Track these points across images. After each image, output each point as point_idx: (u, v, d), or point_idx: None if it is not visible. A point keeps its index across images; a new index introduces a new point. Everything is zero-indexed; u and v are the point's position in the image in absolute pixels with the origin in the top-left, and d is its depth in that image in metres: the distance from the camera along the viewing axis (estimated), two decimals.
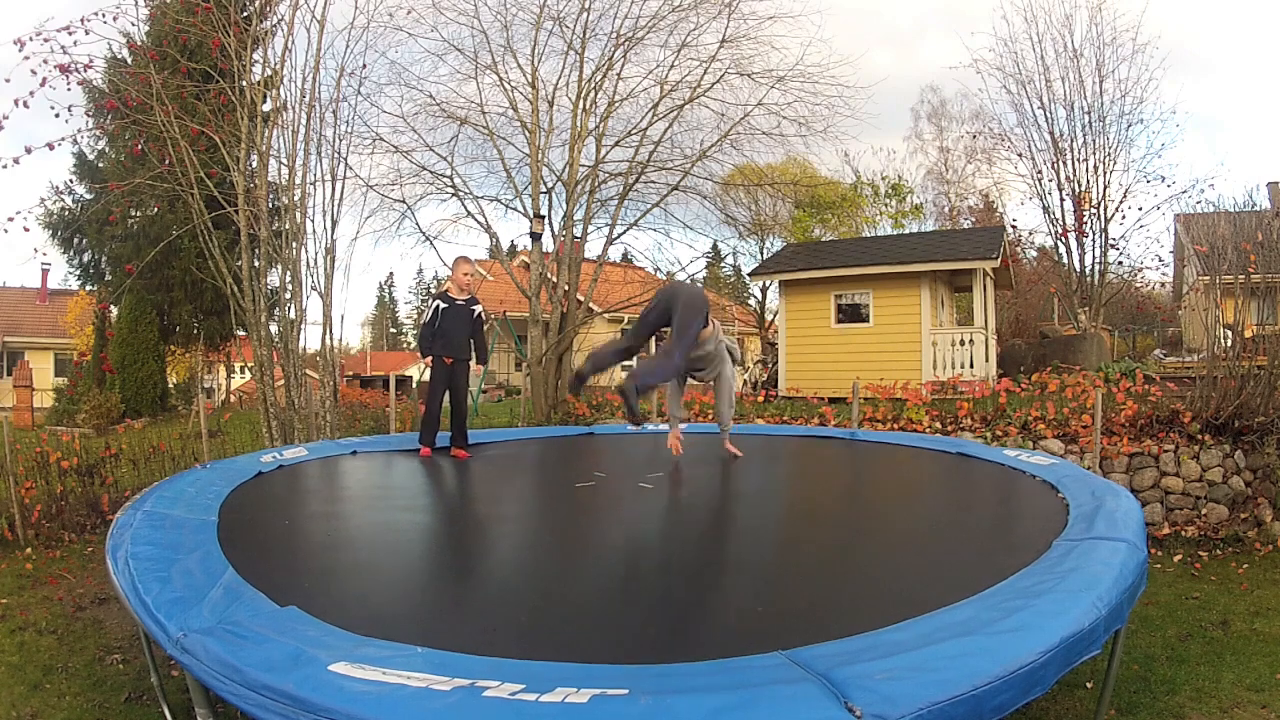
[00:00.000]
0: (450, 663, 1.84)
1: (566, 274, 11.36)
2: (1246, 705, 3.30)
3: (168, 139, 7.63)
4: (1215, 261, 8.13)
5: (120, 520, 3.09)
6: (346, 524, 3.79)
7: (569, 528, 3.87)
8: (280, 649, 1.89)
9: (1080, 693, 3.35)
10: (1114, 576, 2.32)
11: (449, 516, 4.24)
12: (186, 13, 7.99)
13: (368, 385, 18.42)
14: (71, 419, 15.39)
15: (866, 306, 13.08)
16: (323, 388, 8.47)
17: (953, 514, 3.94)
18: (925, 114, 26.30)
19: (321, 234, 8.23)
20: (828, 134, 11.92)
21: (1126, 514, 2.99)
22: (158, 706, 2.97)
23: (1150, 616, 4.46)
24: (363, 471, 5.17)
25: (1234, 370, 6.90)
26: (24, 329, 26.46)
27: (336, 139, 8.48)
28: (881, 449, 5.55)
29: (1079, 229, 16.77)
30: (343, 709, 1.60)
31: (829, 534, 3.65)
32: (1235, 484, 6.56)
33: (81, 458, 7.06)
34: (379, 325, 64.27)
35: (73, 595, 4.95)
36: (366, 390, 16.32)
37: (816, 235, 21.30)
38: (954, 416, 7.77)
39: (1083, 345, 13.87)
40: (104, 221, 14.57)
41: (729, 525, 3.92)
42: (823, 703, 1.55)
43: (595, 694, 1.60)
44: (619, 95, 11.55)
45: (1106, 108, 16.55)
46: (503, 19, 11.10)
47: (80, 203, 16.86)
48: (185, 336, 17.71)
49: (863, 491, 4.78)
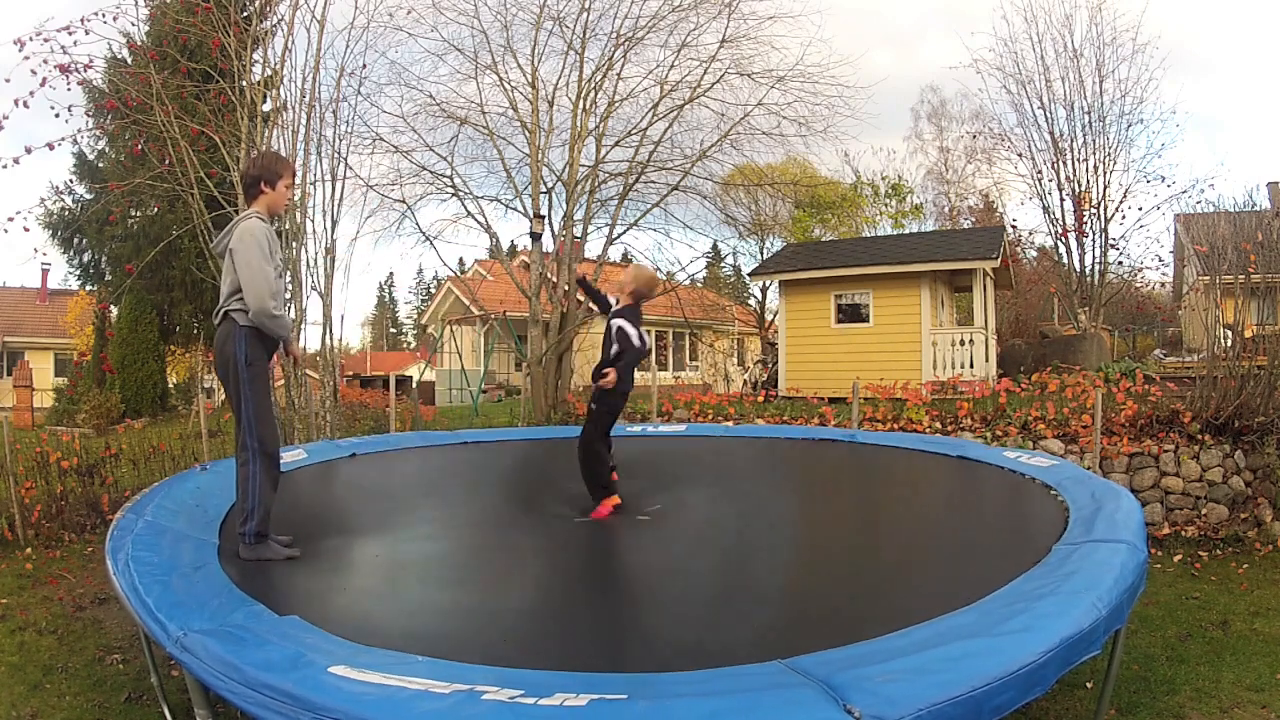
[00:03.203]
0: (449, 670, 1.85)
1: (566, 274, 11.36)
2: (1246, 705, 3.30)
3: (168, 139, 7.62)
4: (1215, 261, 8.13)
5: (120, 523, 3.09)
6: (346, 535, 3.76)
7: (569, 537, 3.85)
8: (280, 650, 1.89)
9: (1080, 693, 3.35)
10: (1114, 577, 2.32)
11: (447, 525, 4.18)
12: (186, 13, 7.98)
13: (368, 385, 18.41)
14: (71, 419, 15.39)
15: (866, 306, 13.08)
16: (323, 388, 8.47)
17: (952, 520, 3.94)
18: (925, 114, 26.39)
19: (321, 234, 8.24)
20: (828, 134, 11.95)
21: (1126, 515, 2.99)
22: (158, 706, 2.97)
23: (1150, 616, 4.46)
24: (362, 477, 5.14)
25: (1234, 370, 6.90)
26: (24, 329, 26.46)
27: (336, 139, 8.50)
28: (882, 453, 5.51)
29: (1079, 229, 16.76)
30: (342, 708, 1.60)
31: (829, 542, 3.65)
32: (1235, 484, 6.56)
33: (81, 458, 7.06)
34: (379, 325, 64.30)
35: (73, 595, 4.95)
36: (366, 390, 16.30)
37: (816, 235, 21.32)
38: (954, 416, 7.76)
39: (1083, 345, 13.87)
40: (104, 221, 14.56)
41: (728, 534, 3.88)
42: (821, 705, 1.55)
43: (594, 698, 1.60)
44: (619, 95, 11.56)
45: (1106, 108, 16.56)
46: (503, 19, 11.11)
47: (80, 203, 16.85)
48: (185, 336, 17.72)
49: (862, 499, 4.75)
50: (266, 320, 3.18)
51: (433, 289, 45.46)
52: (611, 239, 11.98)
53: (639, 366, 4.38)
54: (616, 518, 4.09)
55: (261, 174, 3.35)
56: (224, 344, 3.24)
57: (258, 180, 3.34)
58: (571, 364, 11.94)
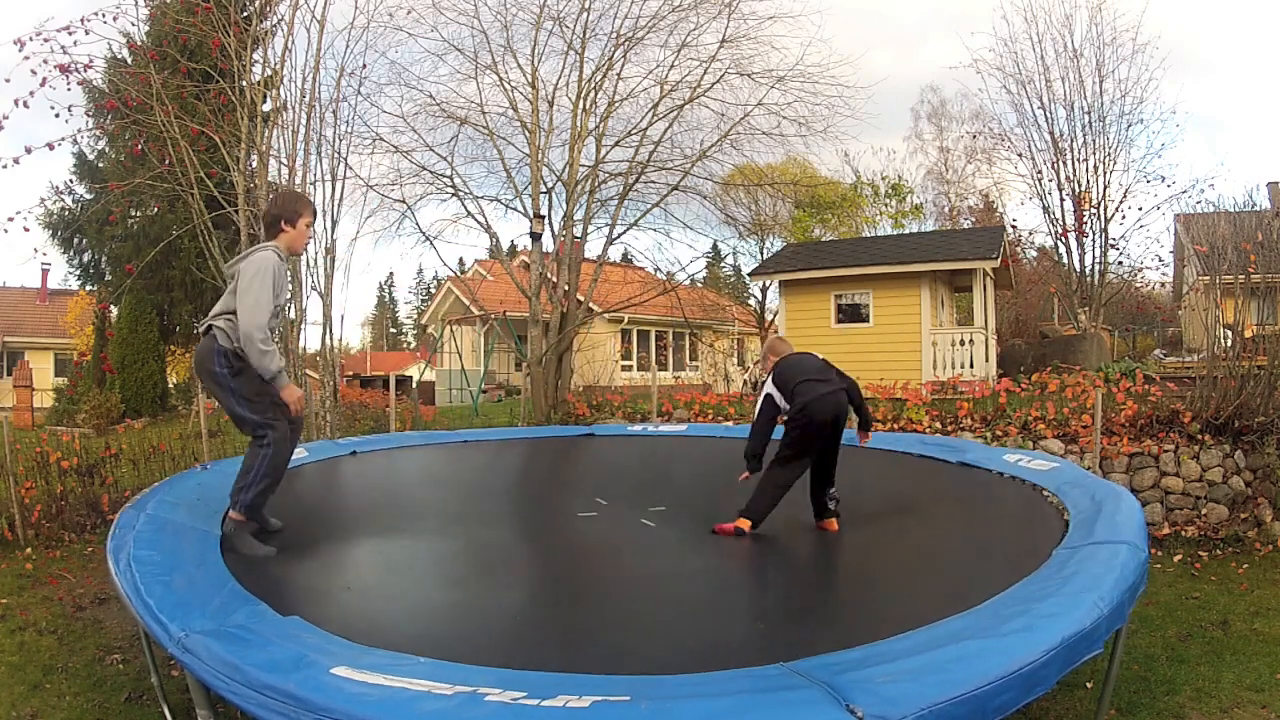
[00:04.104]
0: (452, 671, 1.85)
1: (566, 274, 11.36)
2: (1246, 705, 3.30)
3: (168, 139, 7.62)
4: (1215, 261, 8.13)
5: (121, 521, 3.09)
6: (347, 534, 3.77)
7: (570, 537, 3.85)
8: (282, 651, 1.89)
9: (1080, 693, 3.35)
10: (1115, 577, 2.32)
11: (448, 524, 4.19)
12: (186, 13, 7.98)
13: (368, 385, 18.42)
14: (71, 419, 15.37)
15: (866, 306, 13.08)
16: (323, 388, 8.47)
17: (953, 527, 3.92)
18: (925, 114, 26.39)
19: (321, 234, 8.23)
20: (828, 134, 11.92)
21: (1127, 516, 2.99)
22: (158, 706, 2.97)
23: (1150, 616, 4.46)
24: (362, 476, 5.15)
25: (1234, 370, 6.90)
26: (24, 329, 26.43)
27: (336, 139, 8.50)
28: (882, 455, 5.49)
29: (1079, 229, 16.76)
30: (344, 709, 1.60)
31: (830, 547, 3.64)
32: (1235, 484, 6.56)
33: (81, 458, 7.05)
34: (379, 325, 64.29)
35: (73, 595, 4.95)
36: (366, 390, 16.31)
37: (816, 235, 21.33)
38: (954, 416, 7.76)
39: (1083, 345, 13.87)
40: (104, 221, 14.55)
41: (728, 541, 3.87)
42: (824, 705, 1.55)
43: (596, 700, 1.60)
44: (619, 95, 11.55)
45: (1106, 108, 16.55)
46: (503, 19, 11.10)
47: (80, 203, 16.84)
48: (185, 336, 17.70)
49: (862, 504, 4.73)
50: (251, 348, 3.14)
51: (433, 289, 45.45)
52: (611, 239, 11.98)
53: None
54: (616, 517, 4.10)
55: (281, 213, 3.38)
56: (203, 360, 3.24)
57: (278, 219, 3.37)
58: (571, 364, 11.94)
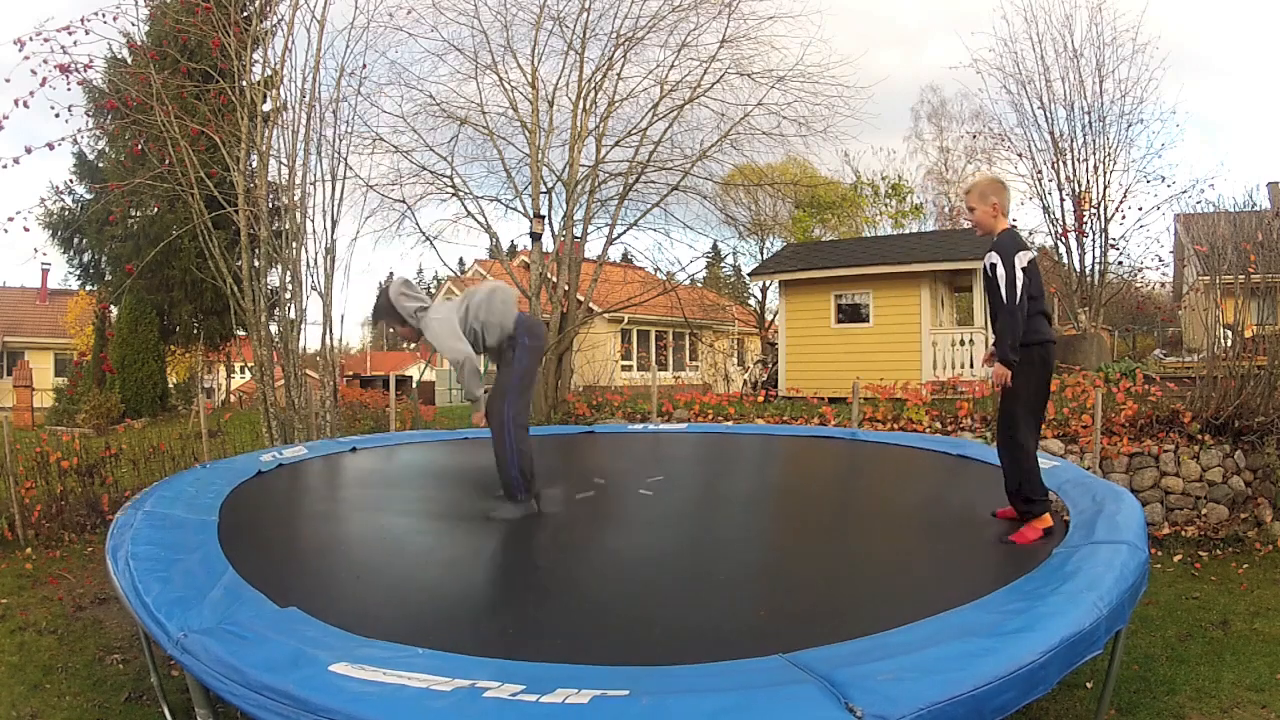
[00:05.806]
0: (451, 664, 1.84)
1: (566, 274, 11.36)
2: (1246, 705, 3.30)
3: (168, 139, 7.62)
4: (1215, 261, 8.13)
5: (120, 520, 3.09)
6: (347, 524, 3.79)
7: (570, 530, 3.86)
8: (281, 649, 1.89)
9: (1080, 693, 3.35)
10: (1115, 577, 2.32)
11: (448, 516, 4.22)
12: (186, 13, 7.98)
13: (368, 385, 18.39)
14: (71, 419, 15.37)
15: (866, 306, 13.07)
16: (323, 388, 8.46)
17: (953, 524, 3.92)
18: (925, 114, 26.38)
19: (321, 234, 8.22)
20: (828, 134, 11.93)
21: (1127, 516, 2.99)
22: (158, 706, 2.97)
23: (1150, 616, 4.46)
24: (363, 470, 5.16)
25: (1234, 370, 6.90)
26: (24, 329, 26.44)
27: (336, 139, 8.48)
28: (882, 455, 5.50)
29: (1079, 229, 16.73)
30: (343, 709, 1.60)
31: (830, 539, 3.64)
32: (1235, 484, 6.56)
33: (81, 458, 7.05)
34: (379, 325, 64.22)
35: (73, 595, 4.95)
36: (366, 390, 16.29)
37: (816, 235, 21.33)
38: (954, 416, 7.76)
39: (1083, 345, 13.86)
40: (104, 221, 14.55)
41: (729, 528, 3.89)
42: (823, 703, 1.55)
43: (596, 695, 1.60)
44: (619, 95, 11.55)
45: (1106, 108, 16.52)
46: (503, 19, 11.11)
47: (80, 203, 16.84)
48: (185, 336, 17.69)
49: (863, 499, 4.74)
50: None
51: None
52: (611, 239, 11.99)
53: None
54: (616, 517, 4.09)
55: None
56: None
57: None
58: (571, 364, 11.94)
